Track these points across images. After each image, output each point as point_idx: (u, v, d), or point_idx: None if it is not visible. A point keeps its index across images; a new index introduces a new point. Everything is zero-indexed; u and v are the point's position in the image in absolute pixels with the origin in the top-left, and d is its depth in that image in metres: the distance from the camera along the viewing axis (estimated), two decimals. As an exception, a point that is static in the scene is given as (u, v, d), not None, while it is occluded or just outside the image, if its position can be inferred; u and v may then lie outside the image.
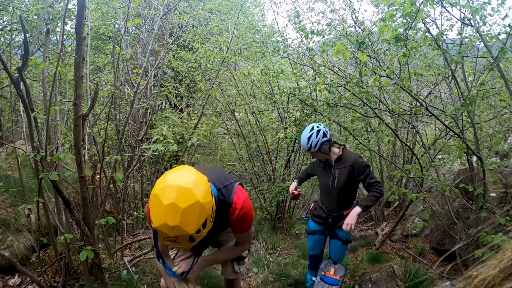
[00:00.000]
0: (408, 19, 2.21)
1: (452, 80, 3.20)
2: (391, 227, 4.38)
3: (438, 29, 3.55)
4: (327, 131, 2.52)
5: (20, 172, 2.92)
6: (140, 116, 4.00)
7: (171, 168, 8.66)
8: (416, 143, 4.79)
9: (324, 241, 2.77)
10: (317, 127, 2.51)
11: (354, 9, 4.26)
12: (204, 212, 1.14)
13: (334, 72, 3.70)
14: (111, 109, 3.41)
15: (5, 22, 4.53)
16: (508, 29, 2.70)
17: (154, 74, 4.47)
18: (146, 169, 5.46)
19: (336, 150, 2.59)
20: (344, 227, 2.32)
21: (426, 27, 3.09)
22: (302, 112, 3.65)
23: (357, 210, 2.35)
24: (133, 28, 5.82)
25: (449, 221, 3.70)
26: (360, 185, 2.67)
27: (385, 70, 2.75)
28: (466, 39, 3.01)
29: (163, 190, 1.12)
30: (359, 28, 4.19)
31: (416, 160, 3.26)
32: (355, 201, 2.59)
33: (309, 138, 2.48)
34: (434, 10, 3.54)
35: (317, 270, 2.69)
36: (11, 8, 4.02)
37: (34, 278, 2.52)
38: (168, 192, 1.11)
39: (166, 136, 2.21)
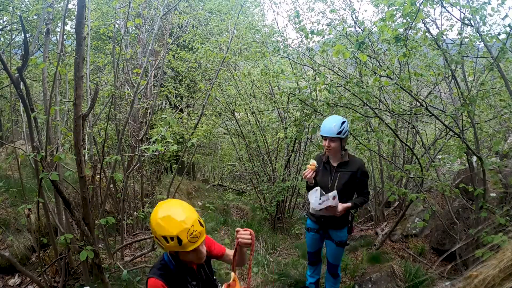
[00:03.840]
0: (408, 19, 2.21)
1: (452, 80, 3.21)
2: (391, 227, 4.38)
3: (438, 29, 3.55)
4: None
5: (20, 172, 2.92)
6: (140, 116, 4.00)
7: (171, 168, 8.64)
8: (416, 143, 4.79)
9: (320, 239, 2.77)
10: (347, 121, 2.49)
11: (354, 9, 4.26)
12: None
13: (334, 72, 3.70)
14: (111, 109, 3.41)
15: (5, 22, 4.53)
16: (508, 29, 2.70)
17: (154, 74, 4.46)
18: (146, 169, 5.45)
19: (343, 153, 2.56)
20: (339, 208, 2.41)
21: (426, 27, 3.09)
22: (302, 112, 3.64)
23: (348, 204, 2.46)
24: (133, 28, 5.81)
25: (449, 221, 3.70)
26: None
27: (385, 70, 2.75)
28: (466, 39, 3.01)
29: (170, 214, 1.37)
30: (359, 28, 4.19)
31: (416, 160, 3.26)
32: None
33: (343, 123, 2.44)
34: (434, 10, 3.54)
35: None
36: (11, 8, 4.02)
37: (34, 278, 2.52)
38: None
39: (165, 136, 2.20)
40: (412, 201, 3.39)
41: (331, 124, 2.44)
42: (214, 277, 1.72)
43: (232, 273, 1.72)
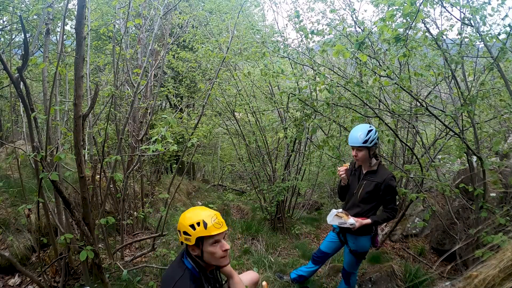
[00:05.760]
0: (408, 19, 2.21)
1: (452, 80, 3.20)
2: (391, 227, 4.38)
3: (438, 29, 3.56)
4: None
5: (20, 172, 2.91)
6: (140, 116, 3.99)
7: (171, 168, 8.62)
8: (416, 143, 4.79)
9: (336, 245, 2.79)
10: (375, 129, 2.48)
11: (354, 9, 4.27)
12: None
13: (334, 72, 3.70)
14: (111, 109, 3.41)
15: (5, 22, 4.53)
16: (508, 29, 2.70)
17: (154, 74, 4.46)
18: (146, 169, 5.46)
19: (373, 162, 2.53)
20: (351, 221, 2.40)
21: (426, 27, 3.09)
22: (302, 112, 3.64)
23: (366, 220, 2.44)
24: (133, 28, 5.81)
25: (449, 221, 3.71)
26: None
27: (385, 70, 2.75)
28: (466, 39, 3.01)
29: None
30: (359, 28, 4.19)
31: (416, 160, 3.26)
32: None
33: (370, 131, 2.42)
34: (434, 10, 3.55)
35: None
36: (11, 8, 4.02)
37: (34, 278, 2.52)
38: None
39: (165, 136, 2.20)
40: (412, 201, 3.39)
41: (357, 133, 2.43)
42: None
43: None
